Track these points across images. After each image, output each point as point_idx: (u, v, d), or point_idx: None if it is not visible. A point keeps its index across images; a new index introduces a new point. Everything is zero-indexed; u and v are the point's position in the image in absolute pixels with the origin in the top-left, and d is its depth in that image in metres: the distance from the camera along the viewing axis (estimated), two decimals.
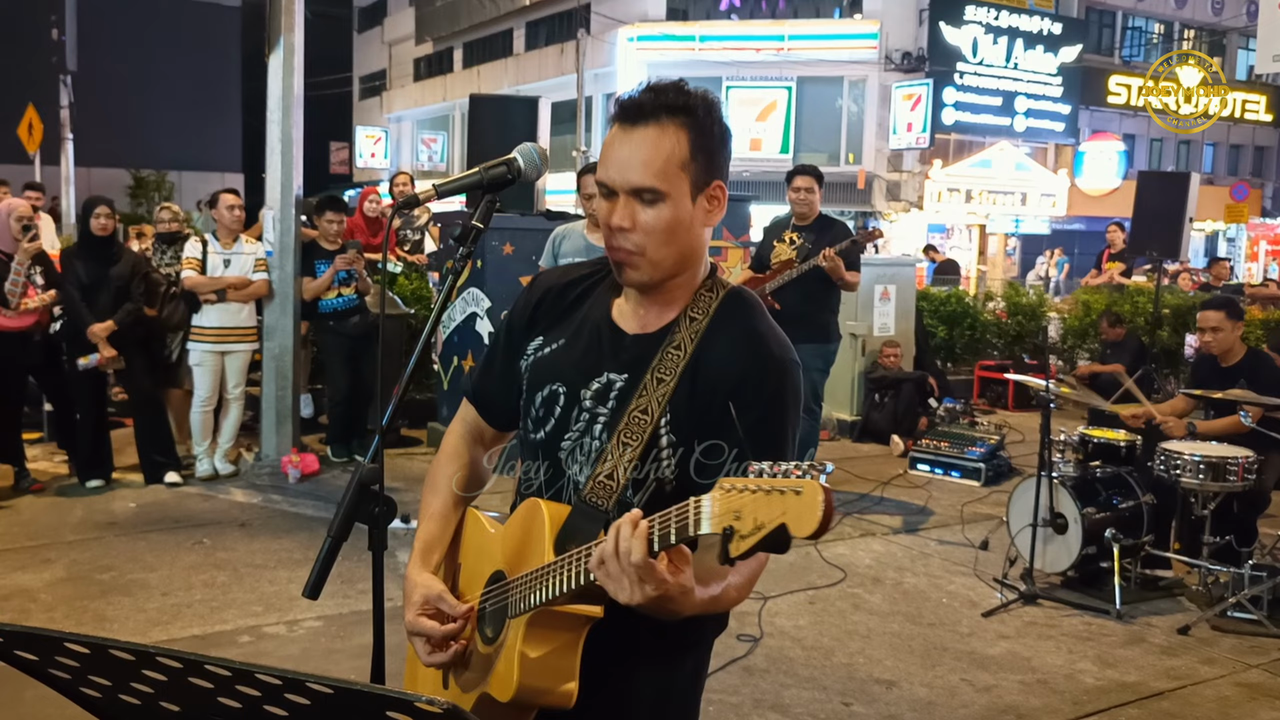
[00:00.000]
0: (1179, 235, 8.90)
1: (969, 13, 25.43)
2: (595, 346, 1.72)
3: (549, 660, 1.51)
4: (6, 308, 6.25)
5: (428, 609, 1.67)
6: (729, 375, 1.62)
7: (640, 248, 1.62)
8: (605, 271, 1.77)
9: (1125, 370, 9.33)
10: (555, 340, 1.77)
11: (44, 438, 7.53)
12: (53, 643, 1.06)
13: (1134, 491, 5.35)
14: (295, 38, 7.03)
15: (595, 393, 1.68)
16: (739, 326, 1.68)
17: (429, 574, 1.73)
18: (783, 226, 6.76)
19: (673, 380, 1.63)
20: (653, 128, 1.61)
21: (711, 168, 1.64)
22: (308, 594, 1.62)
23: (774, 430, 1.63)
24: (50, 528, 5.76)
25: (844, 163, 26.06)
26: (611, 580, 1.39)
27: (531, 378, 1.77)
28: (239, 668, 0.96)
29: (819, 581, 5.29)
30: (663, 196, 1.60)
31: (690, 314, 1.68)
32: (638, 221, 1.61)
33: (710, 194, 1.66)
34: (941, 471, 7.59)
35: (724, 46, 25.45)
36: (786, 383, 1.66)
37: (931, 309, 10.65)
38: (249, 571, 5.15)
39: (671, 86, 1.63)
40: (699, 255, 1.70)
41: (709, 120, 1.63)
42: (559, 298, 1.81)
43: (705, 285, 1.71)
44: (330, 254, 7.25)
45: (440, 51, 37.76)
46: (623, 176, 1.61)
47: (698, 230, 1.67)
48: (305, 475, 6.85)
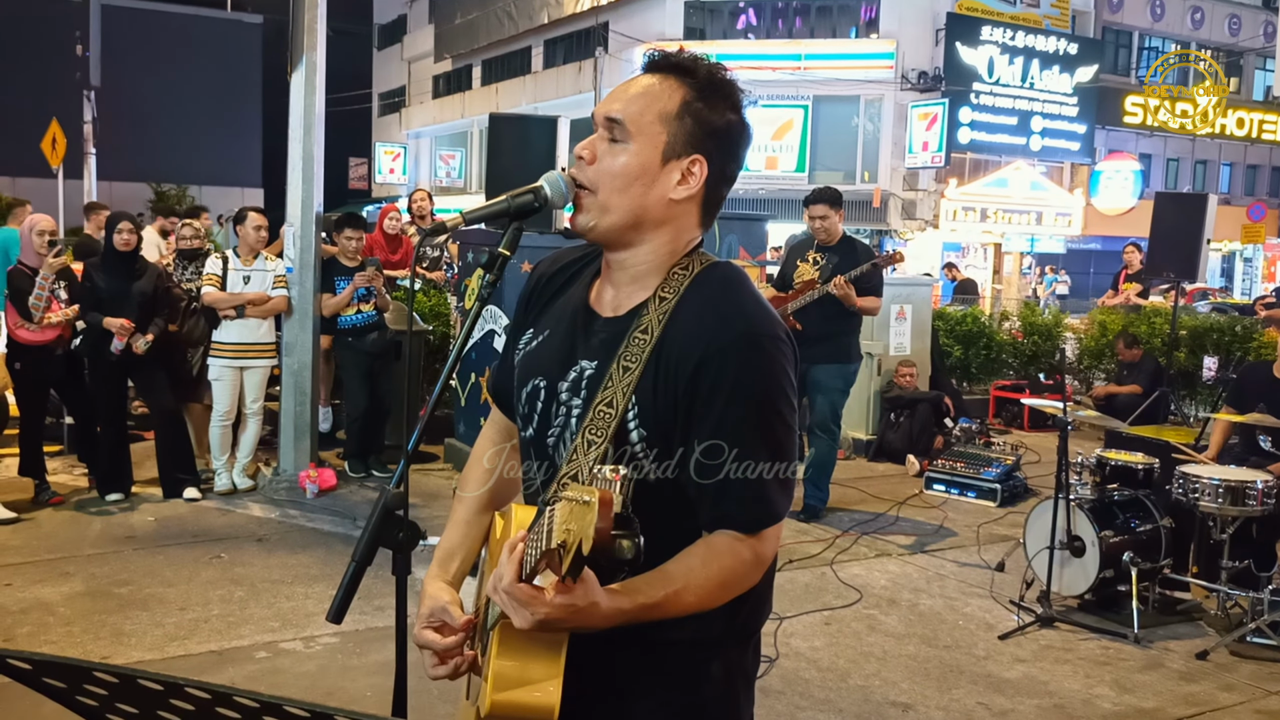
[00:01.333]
0: (1196, 256, 8.88)
1: (985, 33, 25.49)
2: (571, 333, 1.64)
3: (524, 672, 1.41)
4: (30, 322, 6.32)
5: (433, 621, 1.60)
6: (690, 358, 1.49)
7: (593, 184, 1.56)
8: (595, 254, 1.69)
9: (1142, 391, 9.34)
10: (541, 332, 1.70)
11: (64, 450, 7.59)
12: (81, 672, 1.07)
13: (1152, 515, 5.33)
14: (317, 56, 7.10)
15: (570, 384, 1.60)
16: (704, 302, 1.53)
17: (441, 583, 1.66)
18: (806, 246, 6.78)
19: (638, 368, 1.51)
20: (655, 76, 1.59)
21: (697, 140, 1.56)
22: (331, 618, 1.59)
23: (745, 419, 1.48)
24: (69, 541, 5.80)
25: (859, 181, 26.09)
26: (503, 606, 1.34)
27: (519, 374, 1.70)
28: (266, 700, 0.97)
29: (834, 602, 5.28)
30: (629, 137, 1.54)
31: (661, 294, 1.56)
32: (597, 155, 1.57)
33: (686, 167, 1.56)
34: (957, 492, 7.57)
35: (741, 66, 25.50)
36: (756, 360, 1.49)
37: (947, 328, 10.64)
38: (266, 587, 5.18)
39: (696, 55, 1.60)
40: (665, 229, 1.58)
41: (713, 92, 1.57)
42: (549, 285, 1.75)
43: (681, 264, 1.59)
44: (350, 271, 7.30)
45: (459, 69, 38.02)
46: (603, 107, 1.58)
47: (659, 195, 1.56)
48: (323, 490, 6.88)
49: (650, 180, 1.56)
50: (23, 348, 6.41)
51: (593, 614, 1.33)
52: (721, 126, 1.58)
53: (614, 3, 28.43)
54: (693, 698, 1.60)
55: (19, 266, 6.47)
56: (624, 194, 1.55)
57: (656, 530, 1.35)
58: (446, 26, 37.40)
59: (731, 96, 1.59)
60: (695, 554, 1.49)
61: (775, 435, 1.52)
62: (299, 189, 7.10)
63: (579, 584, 1.29)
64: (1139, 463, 5.49)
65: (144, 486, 6.79)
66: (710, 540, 1.51)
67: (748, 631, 1.67)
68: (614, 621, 1.38)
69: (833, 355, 6.55)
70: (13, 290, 6.36)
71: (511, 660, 1.40)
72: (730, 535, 1.51)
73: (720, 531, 1.51)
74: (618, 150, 1.56)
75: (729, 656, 1.64)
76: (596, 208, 1.57)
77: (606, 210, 1.56)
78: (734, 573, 1.50)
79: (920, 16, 25.50)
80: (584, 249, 1.74)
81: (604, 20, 28.91)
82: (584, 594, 1.30)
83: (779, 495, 1.53)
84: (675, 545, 1.50)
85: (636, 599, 1.40)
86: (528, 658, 1.40)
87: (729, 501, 1.50)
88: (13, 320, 6.38)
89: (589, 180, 1.57)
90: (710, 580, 1.47)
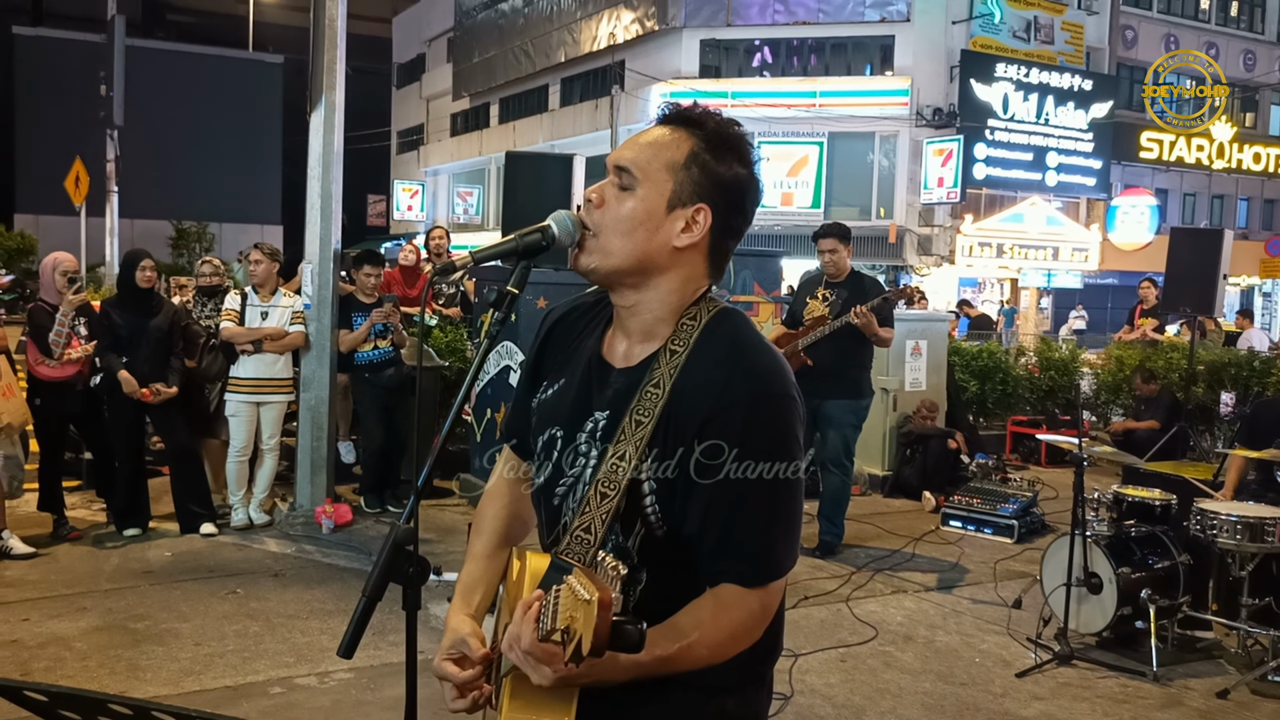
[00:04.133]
0: (1213, 291, 8.87)
1: (999, 70, 25.61)
2: (586, 383, 1.67)
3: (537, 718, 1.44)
4: (50, 358, 6.39)
5: (453, 653, 1.62)
6: (697, 417, 1.51)
7: (597, 227, 1.60)
8: (607, 300, 1.72)
9: (1160, 426, 9.29)
10: (557, 381, 1.73)
11: (83, 485, 7.64)
12: (96, 704, 1.09)
13: (1170, 551, 5.29)
14: (336, 96, 7.20)
15: (586, 434, 1.62)
16: (714, 360, 1.55)
17: (463, 616, 1.68)
18: (816, 283, 6.81)
19: (650, 423, 1.53)
20: (666, 128, 1.63)
21: (703, 190, 1.59)
22: (342, 653, 1.60)
23: (749, 479, 1.50)
24: (86, 575, 5.83)
25: (875, 217, 26.16)
26: (520, 663, 1.37)
27: (536, 423, 1.74)
28: None
29: (850, 639, 5.25)
30: (636, 184, 1.58)
31: (671, 346, 1.59)
32: (605, 199, 1.61)
33: (690, 215, 1.59)
34: (974, 528, 7.53)
35: (756, 103, 25.71)
36: (760, 421, 1.51)
37: (963, 363, 10.62)
38: (281, 622, 5.18)
39: (709, 110, 1.65)
40: (668, 271, 1.61)
41: (721, 145, 1.61)
42: (565, 333, 1.78)
43: (689, 313, 1.62)
44: (367, 307, 7.36)
45: (477, 107, 38.38)
46: (616, 155, 1.62)
47: (662, 242, 1.58)
48: (338, 526, 6.90)
49: (654, 227, 1.59)
50: (43, 384, 6.47)
51: (610, 669, 1.38)
52: (729, 179, 1.61)
53: (630, 41, 28.73)
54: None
55: (40, 303, 6.55)
56: (627, 238, 1.58)
57: (665, 585, 1.43)
58: (465, 65, 37.82)
59: (740, 150, 1.62)
60: (704, 607, 1.53)
61: (778, 493, 1.53)
62: (317, 226, 7.17)
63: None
64: (1156, 499, 5.46)
65: (161, 522, 6.82)
66: (717, 593, 1.53)
67: (759, 674, 1.69)
68: (630, 675, 1.43)
69: (845, 391, 6.55)
70: (33, 327, 6.44)
71: (523, 706, 1.44)
72: (736, 588, 1.53)
73: (725, 585, 1.53)
74: (625, 196, 1.59)
75: (742, 696, 1.65)
76: (599, 251, 1.60)
77: (608, 254, 1.59)
78: (743, 625, 1.53)
79: (935, 54, 25.65)
80: (596, 294, 1.77)
81: (620, 59, 29.20)
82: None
83: (784, 550, 1.56)
84: (684, 599, 1.53)
85: (653, 652, 1.42)
86: (540, 707, 1.43)
87: (733, 557, 1.52)
88: (33, 357, 6.46)
89: (594, 223, 1.60)
90: (720, 633, 1.51)
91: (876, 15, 25.88)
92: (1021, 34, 26.55)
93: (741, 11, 26.92)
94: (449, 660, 1.62)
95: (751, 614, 1.53)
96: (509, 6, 34.93)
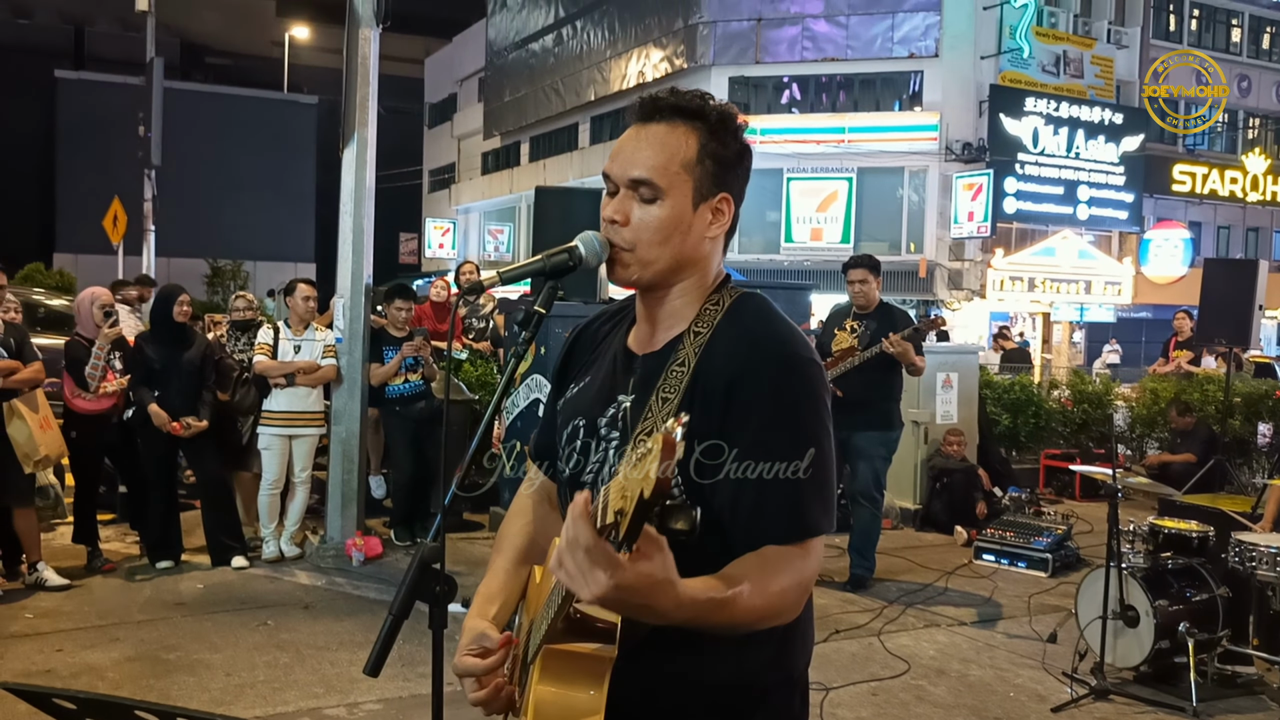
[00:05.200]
0: (1249, 322, 8.78)
1: (1029, 104, 25.57)
2: (611, 375, 1.68)
3: (564, 707, 1.38)
4: (86, 391, 6.48)
5: (474, 648, 1.60)
6: (724, 379, 1.52)
7: (630, 244, 1.60)
8: (630, 306, 1.75)
9: (1196, 460, 9.16)
10: (582, 379, 1.75)
11: (116, 519, 7.70)
12: (123, 710, 1.10)
13: (1208, 584, 5.20)
14: (368, 132, 7.30)
15: (609, 419, 1.63)
16: (739, 330, 1.58)
17: (478, 619, 1.66)
18: (844, 315, 6.80)
19: (676, 398, 1.54)
20: (663, 125, 1.61)
21: (720, 178, 1.61)
22: (368, 671, 1.60)
23: (782, 435, 1.50)
24: (120, 607, 5.87)
25: (905, 252, 26.07)
26: (570, 578, 1.24)
27: (561, 419, 1.75)
28: None
29: (882, 672, 5.19)
30: (660, 194, 1.58)
31: (695, 328, 1.61)
32: (631, 216, 1.60)
33: (715, 205, 1.62)
34: (1007, 562, 7.44)
35: (785, 139, 25.77)
36: (791, 380, 1.53)
37: (995, 396, 10.53)
38: (311, 653, 5.19)
39: (691, 92, 1.63)
40: (700, 265, 1.65)
41: (723, 130, 1.61)
42: (589, 340, 1.80)
43: (712, 299, 1.65)
44: (398, 341, 7.42)
45: (507, 146, 38.74)
46: (623, 170, 1.60)
47: (696, 238, 1.62)
48: (369, 558, 6.91)
49: (687, 228, 1.61)
50: (79, 416, 6.57)
51: (667, 593, 1.26)
52: (735, 158, 1.64)
53: (660, 79, 28.93)
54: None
55: (76, 338, 6.65)
56: (665, 246, 1.60)
57: (695, 564, 1.35)
58: (496, 104, 38.23)
59: (735, 125, 1.64)
60: (748, 561, 1.48)
61: (812, 449, 1.52)
62: (349, 261, 7.25)
63: (658, 553, 1.23)
64: (1193, 531, 5.38)
65: (193, 554, 6.87)
66: (760, 552, 1.49)
67: (793, 671, 1.65)
68: (684, 610, 1.30)
69: (874, 423, 6.52)
70: (70, 360, 6.54)
71: (552, 695, 1.38)
72: (778, 547, 1.49)
73: (767, 547, 1.49)
74: (651, 208, 1.60)
75: (777, 699, 1.62)
76: (637, 265, 1.61)
77: (648, 265, 1.62)
78: (791, 584, 1.47)
79: (964, 88, 25.65)
80: (623, 302, 1.79)
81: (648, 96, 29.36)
82: (663, 564, 1.24)
83: (820, 509, 1.53)
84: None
85: (707, 591, 1.35)
86: (567, 692, 1.38)
87: (772, 517, 1.50)
88: (69, 390, 6.55)
89: (626, 241, 1.61)
90: (769, 587, 1.43)
91: (905, 51, 25.93)
92: (1051, 68, 26.51)
93: (770, 49, 27.05)
94: (470, 655, 1.60)
95: (796, 572, 1.47)
96: (539, 46, 35.33)
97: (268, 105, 42.57)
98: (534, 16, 35.55)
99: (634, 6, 30.09)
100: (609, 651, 1.39)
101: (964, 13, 25.43)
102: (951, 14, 25.38)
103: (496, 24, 37.97)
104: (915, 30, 25.67)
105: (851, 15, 26.15)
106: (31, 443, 5.94)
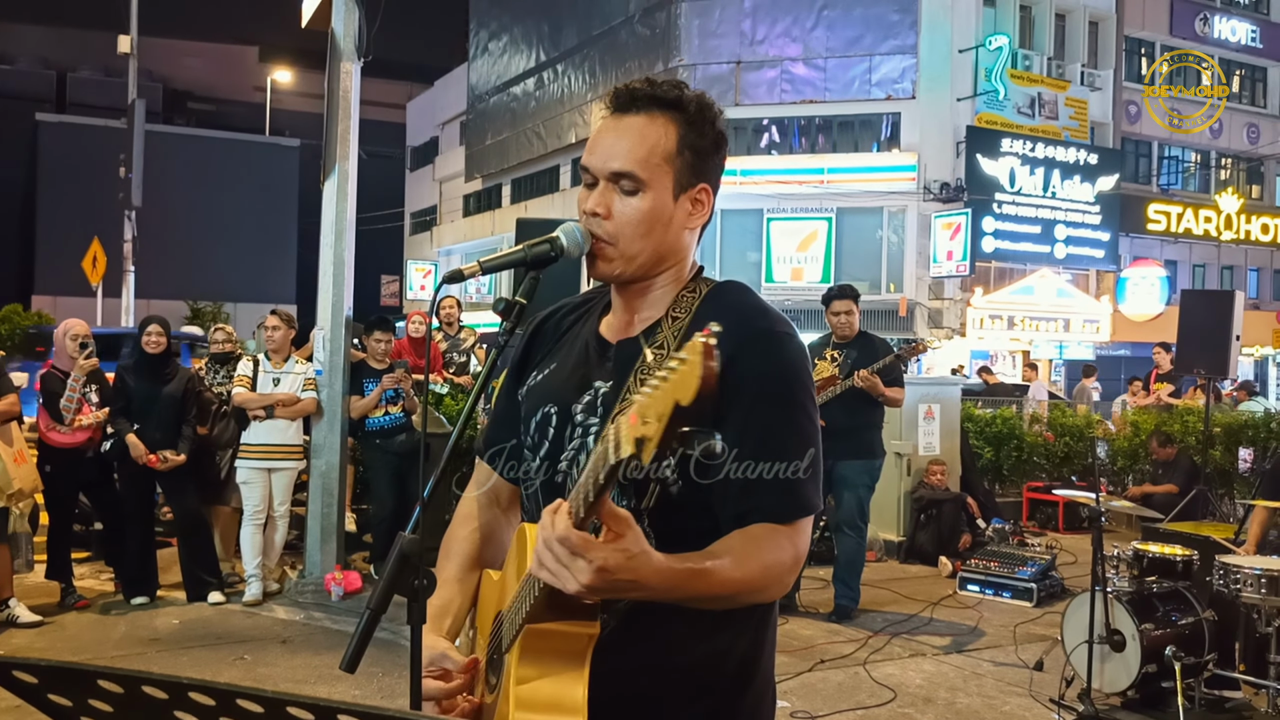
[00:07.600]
0: (1226, 353, 8.81)
1: (1005, 145, 25.87)
2: (584, 361, 1.66)
3: (545, 690, 1.35)
4: (61, 424, 6.40)
5: (433, 670, 1.55)
6: None
7: (613, 237, 1.58)
8: (599, 295, 1.74)
9: (1179, 490, 9.18)
10: (548, 365, 1.72)
11: (91, 557, 7.58)
12: (86, 677, 1.07)
13: (1193, 607, 5.18)
14: (349, 165, 7.31)
15: (585, 405, 1.60)
16: (720, 309, 1.55)
17: (434, 636, 1.61)
18: (823, 345, 6.81)
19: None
20: (641, 117, 1.59)
21: (699, 169, 1.61)
22: (344, 667, 1.55)
23: (771, 413, 1.50)
24: (94, 643, 5.76)
25: (885, 291, 26.22)
26: (551, 573, 1.25)
27: (526, 406, 1.71)
28: (270, 697, 0.96)
29: (869, 701, 5.14)
30: (642, 186, 1.57)
31: (673, 314, 1.61)
32: (612, 209, 1.58)
33: (695, 196, 1.62)
34: (992, 592, 7.41)
35: (765, 180, 25.97)
36: (776, 355, 1.53)
37: (977, 429, 10.55)
38: (289, 687, 5.09)
39: (668, 82, 1.62)
40: (680, 257, 1.64)
41: (701, 120, 1.60)
42: (554, 329, 1.77)
43: (689, 287, 1.64)
44: (378, 373, 7.37)
45: (489, 188, 38.89)
46: (603, 162, 1.58)
47: (677, 230, 1.61)
48: (348, 593, 6.82)
49: (668, 219, 1.60)
50: (54, 451, 6.47)
51: (645, 566, 1.27)
52: (712, 148, 1.64)
53: None
54: (718, 701, 1.57)
55: (51, 370, 6.58)
56: (647, 238, 1.59)
57: (680, 545, 1.35)
58: (477, 147, 38.41)
59: (712, 113, 1.64)
60: (734, 537, 1.46)
61: (801, 427, 1.52)
62: (329, 293, 7.22)
63: (629, 529, 1.25)
64: (1177, 555, 5.37)
65: (169, 590, 6.77)
66: (747, 530, 1.47)
67: (754, 668, 1.62)
68: (664, 582, 1.31)
69: (857, 451, 6.51)
70: (45, 393, 6.47)
71: (531, 679, 1.36)
72: (766, 525, 1.48)
73: (755, 524, 1.48)
74: (633, 200, 1.58)
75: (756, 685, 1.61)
76: (620, 259, 1.60)
77: (631, 259, 1.60)
78: (776, 563, 1.46)
79: (941, 129, 25.93)
80: (590, 292, 1.79)
81: None
82: (635, 539, 1.26)
83: (811, 488, 1.52)
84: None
85: (685, 561, 1.35)
86: (548, 675, 1.36)
87: (762, 494, 1.48)
88: (44, 423, 6.47)
89: (608, 234, 1.59)
90: (752, 564, 1.43)
91: (882, 93, 26.22)
92: (1026, 110, 26.84)
93: (749, 91, 27.31)
94: (429, 677, 1.55)
95: (783, 552, 1.47)
96: (520, 90, 35.57)
97: (250, 148, 42.64)
98: (515, 61, 35.83)
99: (615, 50, 30.39)
100: (591, 628, 1.36)
101: (940, 55, 25.78)
102: (928, 57, 25.72)
103: (478, 68, 38.24)
104: (892, 72, 26.00)
105: (829, 58, 26.47)
106: (5, 476, 5.86)
